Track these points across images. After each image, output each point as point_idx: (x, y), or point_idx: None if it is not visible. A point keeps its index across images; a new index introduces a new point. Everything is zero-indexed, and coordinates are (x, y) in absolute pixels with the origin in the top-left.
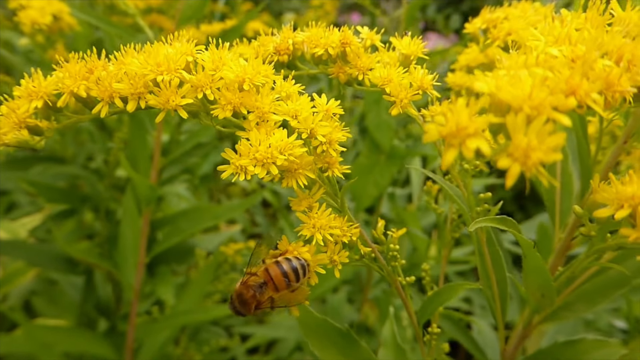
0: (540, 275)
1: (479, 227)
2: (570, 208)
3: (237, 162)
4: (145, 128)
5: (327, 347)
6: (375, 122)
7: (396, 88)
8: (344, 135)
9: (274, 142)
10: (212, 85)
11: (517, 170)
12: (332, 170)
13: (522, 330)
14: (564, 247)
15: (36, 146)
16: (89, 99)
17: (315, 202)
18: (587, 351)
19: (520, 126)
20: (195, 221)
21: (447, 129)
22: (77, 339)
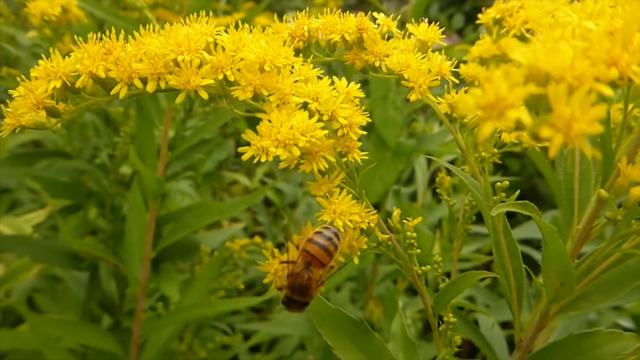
0: (561, 262)
1: (495, 216)
2: (589, 196)
3: (259, 144)
4: (152, 122)
5: (339, 337)
6: (382, 118)
7: (415, 74)
8: (364, 119)
9: (296, 123)
10: (232, 67)
11: (560, 140)
12: (351, 154)
13: (539, 321)
14: (582, 236)
15: (52, 129)
16: (107, 80)
17: (335, 188)
18: (602, 344)
19: (562, 96)
20: (200, 217)
21: (485, 99)
22: (83, 333)
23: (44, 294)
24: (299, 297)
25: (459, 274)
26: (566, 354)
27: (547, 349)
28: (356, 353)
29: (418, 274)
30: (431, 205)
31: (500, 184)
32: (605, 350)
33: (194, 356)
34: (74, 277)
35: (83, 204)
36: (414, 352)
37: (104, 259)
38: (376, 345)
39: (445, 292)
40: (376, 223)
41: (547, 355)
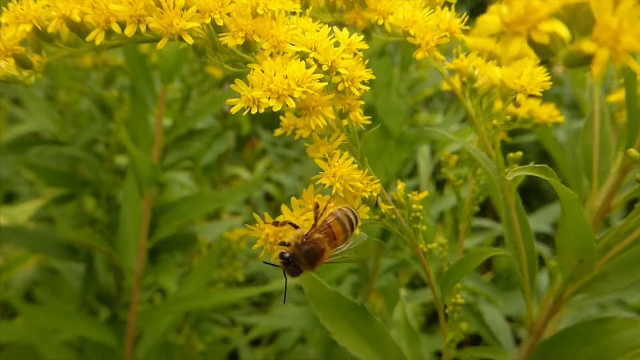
0: (581, 234)
1: (507, 191)
2: (608, 168)
3: (249, 94)
4: (146, 106)
5: (339, 321)
6: (385, 106)
7: (422, 29)
8: (368, 74)
9: (291, 72)
10: (221, 10)
11: (605, 56)
12: (353, 113)
13: (553, 304)
14: (602, 211)
15: (25, 82)
16: (83, 26)
17: (335, 150)
18: (617, 330)
19: (607, 6)
20: (197, 206)
21: (513, 14)
22: (78, 324)
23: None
24: (305, 262)
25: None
26: (579, 340)
27: (560, 335)
28: (356, 338)
29: (424, 252)
30: (434, 198)
31: (513, 155)
32: (620, 336)
33: (192, 349)
34: (71, 269)
35: (78, 193)
36: (417, 340)
37: (99, 248)
38: (377, 330)
39: (453, 272)
40: (379, 193)
41: (560, 341)
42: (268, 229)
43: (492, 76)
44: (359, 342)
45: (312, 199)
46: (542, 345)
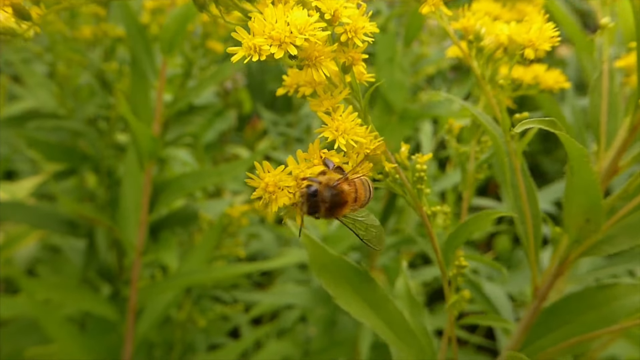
0: (589, 192)
1: (513, 154)
2: (616, 129)
3: (250, 42)
4: (147, 79)
5: (341, 285)
6: (388, 81)
7: None
8: (372, 26)
9: (293, 19)
10: None
11: None
12: (356, 67)
13: (557, 267)
14: (610, 171)
15: (24, 35)
16: None
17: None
18: (621, 296)
19: None
20: (198, 180)
21: None
22: (80, 298)
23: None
24: (326, 205)
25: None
26: (584, 305)
27: (564, 300)
28: (359, 302)
29: (428, 215)
30: (436, 176)
31: (519, 115)
32: (624, 302)
33: (194, 325)
34: (72, 246)
35: (78, 168)
36: (419, 311)
37: (100, 221)
38: (380, 296)
39: (457, 234)
40: (383, 151)
41: (563, 306)
42: (268, 177)
43: (500, 34)
44: (363, 307)
45: (317, 153)
46: (545, 310)
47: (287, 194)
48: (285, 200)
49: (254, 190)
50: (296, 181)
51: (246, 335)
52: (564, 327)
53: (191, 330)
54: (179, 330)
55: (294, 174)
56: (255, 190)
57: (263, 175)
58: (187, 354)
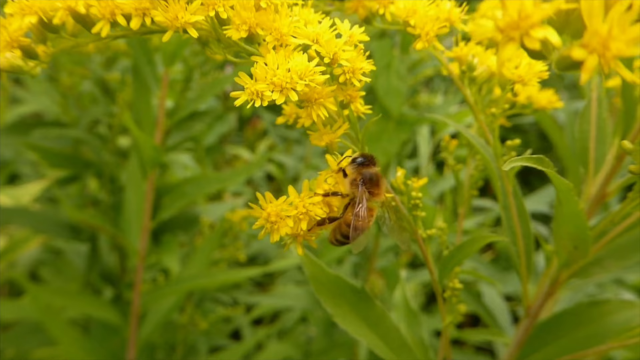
0: (576, 222)
1: (505, 177)
2: (604, 155)
3: (253, 87)
4: (149, 88)
5: (340, 304)
6: (385, 87)
7: (422, 20)
8: (369, 66)
9: (294, 66)
10: (225, 3)
11: (594, 62)
12: (354, 104)
13: (548, 288)
14: (598, 197)
15: (31, 72)
16: (88, 18)
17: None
18: (612, 312)
19: (598, 11)
20: (199, 186)
21: (506, 19)
22: (83, 303)
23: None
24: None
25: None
26: (575, 321)
27: (556, 317)
28: (357, 320)
29: (423, 238)
30: (434, 178)
31: (510, 142)
32: (614, 318)
33: (195, 328)
34: (75, 250)
35: (81, 174)
36: (416, 321)
37: (103, 228)
38: (377, 313)
39: (451, 257)
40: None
41: (556, 323)
42: (270, 207)
43: (491, 64)
44: (360, 325)
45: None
46: (538, 326)
47: (288, 223)
48: (287, 230)
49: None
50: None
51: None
52: (557, 342)
53: (193, 332)
54: (181, 332)
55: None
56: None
57: (265, 206)
58: (189, 356)
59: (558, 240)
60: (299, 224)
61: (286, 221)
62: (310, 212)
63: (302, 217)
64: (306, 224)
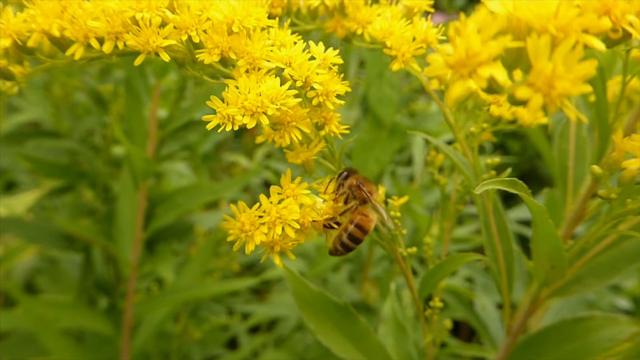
0: (552, 244)
1: (485, 195)
2: (584, 174)
3: (224, 111)
4: (141, 100)
5: (323, 321)
6: (377, 96)
7: (398, 41)
8: (343, 88)
9: (265, 90)
10: (198, 27)
11: (538, 102)
12: (329, 126)
13: (529, 306)
14: (576, 216)
15: (8, 93)
16: (63, 40)
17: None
18: (596, 328)
19: (543, 50)
20: (193, 197)
21: (455, 56)
22: (76, 315)
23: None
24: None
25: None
26: (559, 338)
27: (540, 334)
28: (339, 337)
29: (403, 256)
30: (429, 186)
31: (490, 161)
32: (600, 335)
33: (189, 338)
34: (69, 259)
35: (75, 185)
36: (405, 335)
37: (94, 240)
38: (361, 329)
39: (432, 275)
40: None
41: (539, 340)
42: (243, 216)
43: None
44: (343, 342)
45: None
46: (522, 343)
47: (262, 232)
48: (263, 237)
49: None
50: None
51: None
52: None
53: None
54: (175, 341)
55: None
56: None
57: (239, 217)
58: None
59: (537, 260)
60: (273, 230)
61: (260, 229)
62: (283, 216)
63: (277, 223)
64: (280, 230)
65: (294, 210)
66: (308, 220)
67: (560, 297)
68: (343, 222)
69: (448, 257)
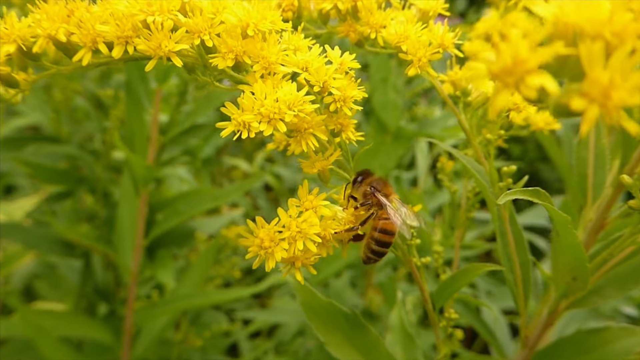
0: (575, 255)
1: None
2: (603, 182)
3: (240, 118)
4: (142, 105)
5: (332, 332)
6: (382, 101)
7: (414, 45)
8: (360, 93)
9: (282, 95)
10: (211, 31)
11: (595, 113)
12: (345, 133)
13: (547, 317)
14: (597, 226)
15: (12, 101)
16: (69, 45)
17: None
18: (613, 340)
19: (598, 58)
20: (194, 203)
21: (500, 63)
22: (74, 324)
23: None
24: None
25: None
26: (575, 350)
27: (555, 345)
28: (350, 349)
29: (417, 265)
30: (432, 191)
31: (507, 168)
32: (616, 346)
33: (190, 345)
34: (69, 264)
35: (75, 190)
36: (413, 344)
37: (94, 247)
38: (371, 341)
39: (446, 287)
40: None
41: (555, 351)
42: (262, 232)
43: (487, 90)
44: (353, 353)
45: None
46: (536, 355)
47: (283, 247)
48: (284, 254)
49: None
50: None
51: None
52: None
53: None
54: (176, 348)
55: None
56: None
57: (257, 233)
58: None
59: (556, 271)
60: (294, 245)
61: (281, 244)
62: (303, 230)
63: (297, 238)
64: (302, 245)
65: (314, 223)
66: (329, 233)
67: (579, 309)
68: (367, 231)
69: (462, 268)
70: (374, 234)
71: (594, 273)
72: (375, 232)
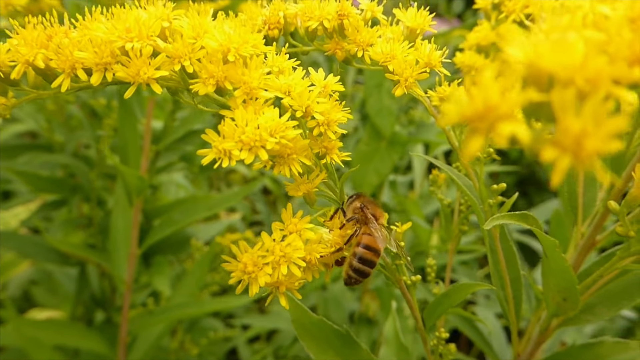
0: (563, 277)
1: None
2: (594, 199)
3: (220, 146)
4: (134, 115)
5: (324, 350)
6: (376, 107)
7: (400, 65)
8: (345, 116)
9: (264, 122)
10: (191, 56)
11: (566, 163)
12: (330, 156)
13: (538, 336)
14: (588, 244)
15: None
16: (49, 70)
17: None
18: (607, 354)
19: (570, 105)
20: (190, 212)
21: (471, 108)
22: (68, 334)
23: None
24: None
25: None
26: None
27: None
28: None
29: (407, 284)
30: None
31: (496, 186)
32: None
33: (186, 353)
34: (64, 272)
35: (69, 198)
36: (407, 356)
37: (89, 258)
38: (362, 357)
39: (437, 304)
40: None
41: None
42: (245, 257)
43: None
44: None
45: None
46: None
47: (267, 272)
48: (267, 278)
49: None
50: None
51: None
52: None
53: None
54: (172, 355)
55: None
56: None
57: (240, 257)
58: None
59: (547, 290)
60: (278, 269)
61: (264, 269)
62: (287, 254)
63: (282, 262)
64: (286, 269)
65: (298, 247)
66: (314, 257)
67: (570, 327)
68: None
69: (454, 285)
70: (357, 249)
71: (585, 292)
72: (358, 247)
